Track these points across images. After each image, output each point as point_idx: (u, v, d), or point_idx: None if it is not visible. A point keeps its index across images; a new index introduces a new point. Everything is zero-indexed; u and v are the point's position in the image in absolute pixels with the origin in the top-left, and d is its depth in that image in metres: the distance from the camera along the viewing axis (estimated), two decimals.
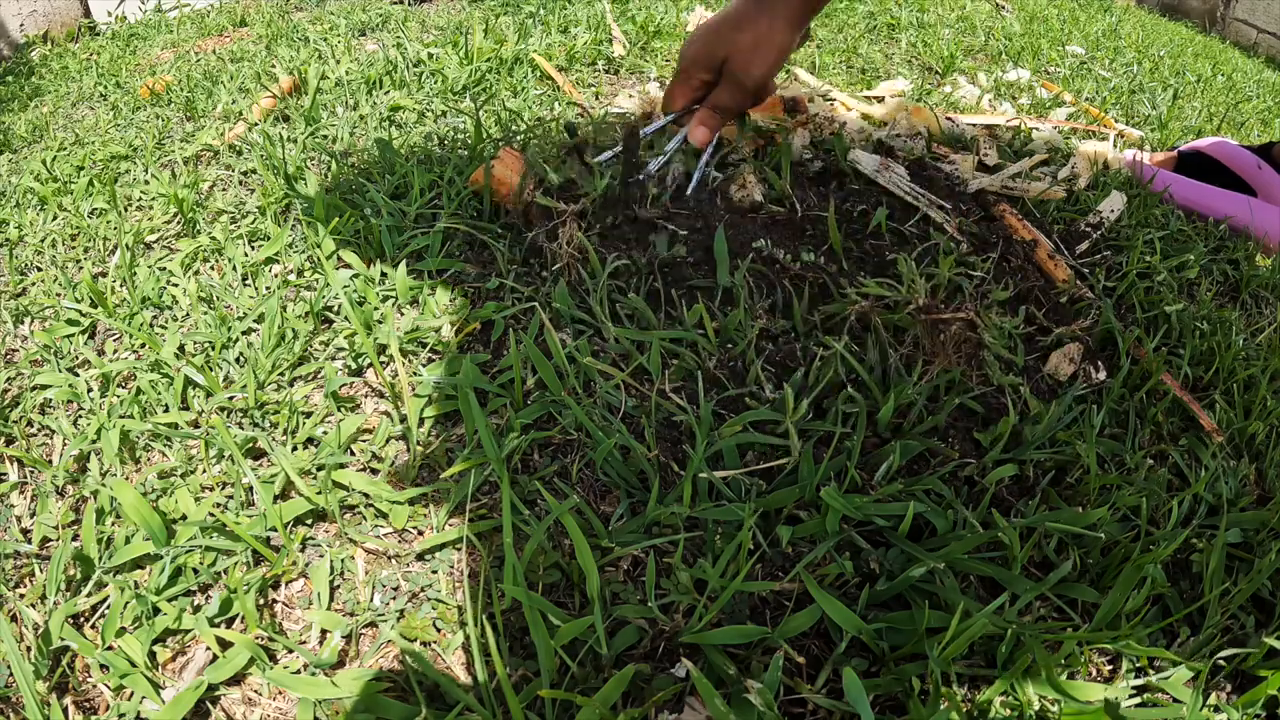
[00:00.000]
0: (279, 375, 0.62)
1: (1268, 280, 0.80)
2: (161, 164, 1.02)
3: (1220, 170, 0.95)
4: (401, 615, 0.46)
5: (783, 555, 0.48)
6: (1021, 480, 0.54)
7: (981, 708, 0.41)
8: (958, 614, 0.40)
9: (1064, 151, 0.98)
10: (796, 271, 0.65)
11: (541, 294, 0.65)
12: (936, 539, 0.48)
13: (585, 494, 0.51)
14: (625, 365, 0.58)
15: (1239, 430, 0.60)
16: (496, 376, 0.59)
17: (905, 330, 0.59)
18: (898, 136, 0.88)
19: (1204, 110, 1.47)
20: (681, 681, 0.42)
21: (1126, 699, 0.42)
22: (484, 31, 1.40)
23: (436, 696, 0.42)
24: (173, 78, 1.40)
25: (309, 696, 0.41)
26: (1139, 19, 2.78)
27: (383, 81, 1.21)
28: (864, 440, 0.53)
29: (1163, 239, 0.79)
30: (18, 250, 0.87)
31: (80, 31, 2.19)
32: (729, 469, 0.51)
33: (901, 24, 1.68)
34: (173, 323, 0.70)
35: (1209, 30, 3.32)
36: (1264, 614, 0.49)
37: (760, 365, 0.57)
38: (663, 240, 0.66)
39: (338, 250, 0.73)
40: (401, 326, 0.65)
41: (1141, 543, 0.49)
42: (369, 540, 0.50)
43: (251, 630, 0.45)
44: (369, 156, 0.92)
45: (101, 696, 0.44)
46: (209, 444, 0.57)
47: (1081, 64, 1.67)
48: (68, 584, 0.49)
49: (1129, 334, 0.64)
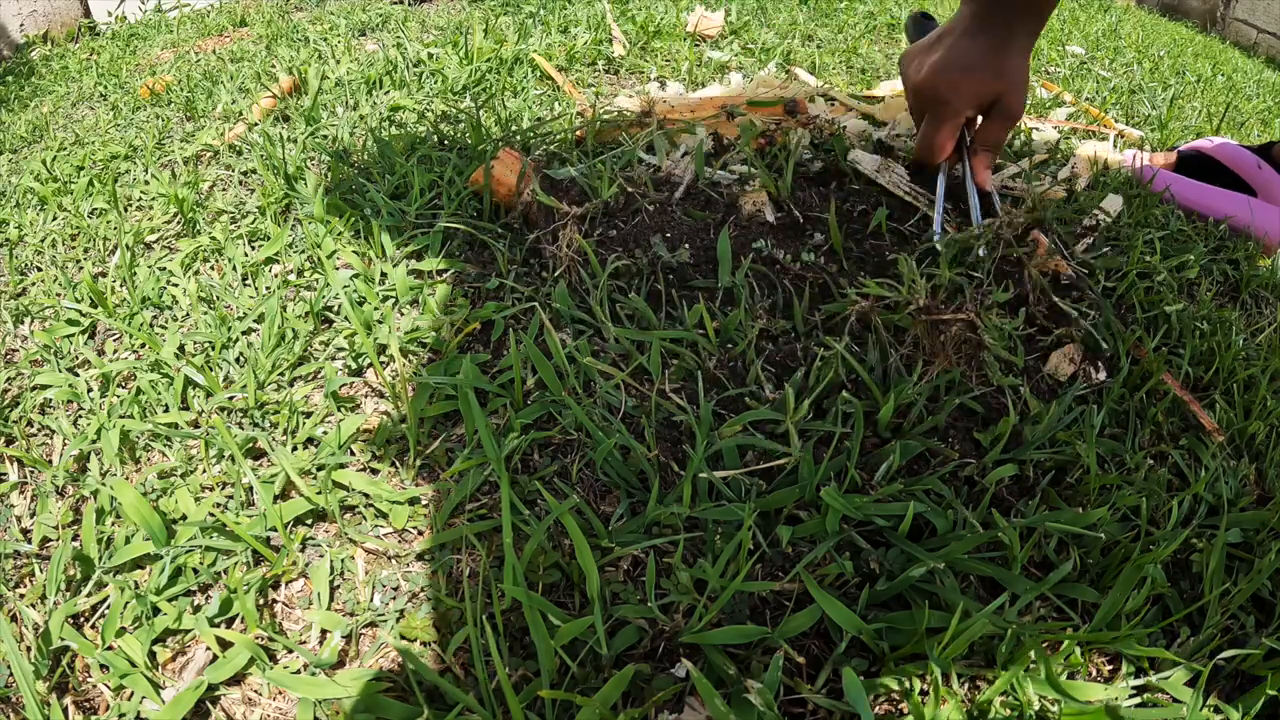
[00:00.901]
0: (279, 375, 0.62)
1: (1268, 280, 0.80)
2: (161, 164, 1.02)
3: (1220, 170, 0.95)
4: (401, 615, 0.46)
5: (783, 555, 0.48)
6: (1021, 480, 0.54)
7: (981, 708, 0.41)
8: (958, 614, 0.40)
9: (1064, 152, 0.98)
10: (797, 272, 0.65)
11: (541, 294, 0.65)
12: (936, 539, 0.48)
13: (585, 494, 0.51)
14: (625, 365, 0.58)
15: (1239, 430, 0.60)
16: (496, 376, 0.59)
17: (905, 330, 0.58)
18: (898, 136, 0.88)
19: (1204, 110, 1.47)
20: (681, 681, 0.42)
21: (1126, 699, 0.42)
22: (484, 31, 1.40)
23: (436, 697, 0.42)
24: (173, 78, 1.40)
25: (309, 696, 0.41)
26: (1139, 19, 2.78)
27: (383, 81, 1.21)
28: (864, 440, 0.53)
29: (1163, 239, 0.79)
30: (18, 250, 0.87)
31: (80, 31, 2.19)
32: (729, 469, 0.51)
33: (902, 24, 1.68)
34: (173, 323, 0.70)
35: (1209, 30, 3.32)
36: (1264, 614, 0.49)
37: (760, 365, 0.57)
38: (661, 243, 0.66)
39: (338, 250, 0.73)
40: (401, 326, 0.65)
41: (1141, 543, 0.49)
42: (369, 540, 0.50)
43: (251, 630, 0.45)
44: (369, 156, 0.92)
45: (101, 696, 0.44)
46: (209, 444, 0.57)
47: (1081, 64, 1.67)
48: (68, 584, 0.49)
49: (1128, 334, 0.64)
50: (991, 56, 0.65)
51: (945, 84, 0.66)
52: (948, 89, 0.66)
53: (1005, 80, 0.65)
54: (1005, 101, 0.66)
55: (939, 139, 0.69)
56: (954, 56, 0.66)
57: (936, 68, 0.67)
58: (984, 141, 0.69)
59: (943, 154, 0.70)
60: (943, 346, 0.55)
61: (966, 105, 0.67)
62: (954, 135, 0.70)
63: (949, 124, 0.68)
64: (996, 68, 0.65)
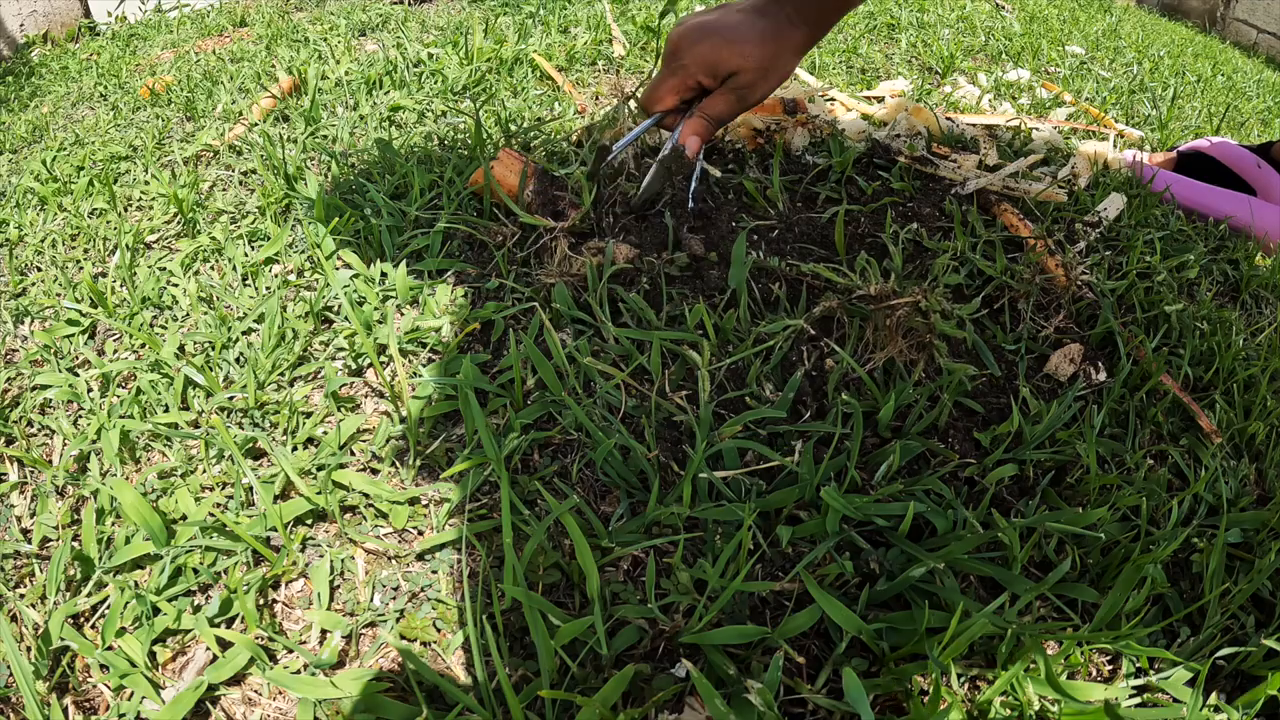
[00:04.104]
0: (279, 375, 0.62)
1: (1268, 280, 0.80)
2: (161, 164, 1.02)
3: (1220, 170, 0.95)
4: (401, 615, 0.46)
5: (783, 555, 0.48)
6: (1021, 480, 0.54)
7: (981, 708, 0.41)
8: (958, 614, 0.40)
9: (1064, 151, 0.98)
10: (793, 276, 0.65)
11: (541, 294, 0.65)
12: (936, 539, 0.48)
13: (585, 494, 0.51)
14: (625, 365, 0.58)
15: (1239, 430, 0.60)
16: (496, 376, 0.59)
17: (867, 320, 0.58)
18: (898, 136, 0.88)
19: (1204, 110, 1.47)
20: (681, 681, 0.42)
21: (1126, 699, 0.42)
22: (484, 31, 1.40)
23: (436, 697, 0.42)
24: (173, 78, 1.40)
25: (309, 696, 0.41)
26: (1139, 19, 2.78)
27: (383, 81, 1.21)
28: (863, 440, 0.53)
29: (1163, 239, 0.79)
30: (18, 250, 0.87)
31: (80, 32, 2.19)
32: (729, 469, 0.51)
33: (901, 24, 1.68)
34: (173, 323, 0.70)
35: (1209, 30, 3.32)
36: (1264, 614, 0.49)
37: (759, 365, 0.57)
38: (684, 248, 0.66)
39: (338, 250, 0.73)
40: (401, 326, 0.65)
41: (1141, 543, 0.49)
42: (369, 540, 0.50)
43: (251, 630, 0.45)
44: (369, 156, 0.92)
45: (101, 696, 0.44)
46: (209, 444, 0.57)
47: (1081, 64, 1.67)
48: (68, 584, 0.49)
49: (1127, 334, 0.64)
50: (747, 36, 0.64)
51: (687, 42, 0.66)
52: (687, 47, 0.66)
53: (749, 61, 0.64)
54: (739, 79, 0.65)
55: (659, 90, 0.69)
56: (711, 23, 0.66)
57: (689, 26, 0.67)
58: (704, 108, 0.68)
59: (658, 105, 0.70)
60: (890, 331, 0.54)
61: (697, 69, 0.66)
62: (675, 91, 0.69)
63: (674, 79, 0.68)
64: (745, 47, 0.64)
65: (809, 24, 0.65)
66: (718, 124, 0.69)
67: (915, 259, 0.68)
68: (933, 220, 0.73)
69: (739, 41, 0.65)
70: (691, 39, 0.67)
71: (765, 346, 0.58)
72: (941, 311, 0.57)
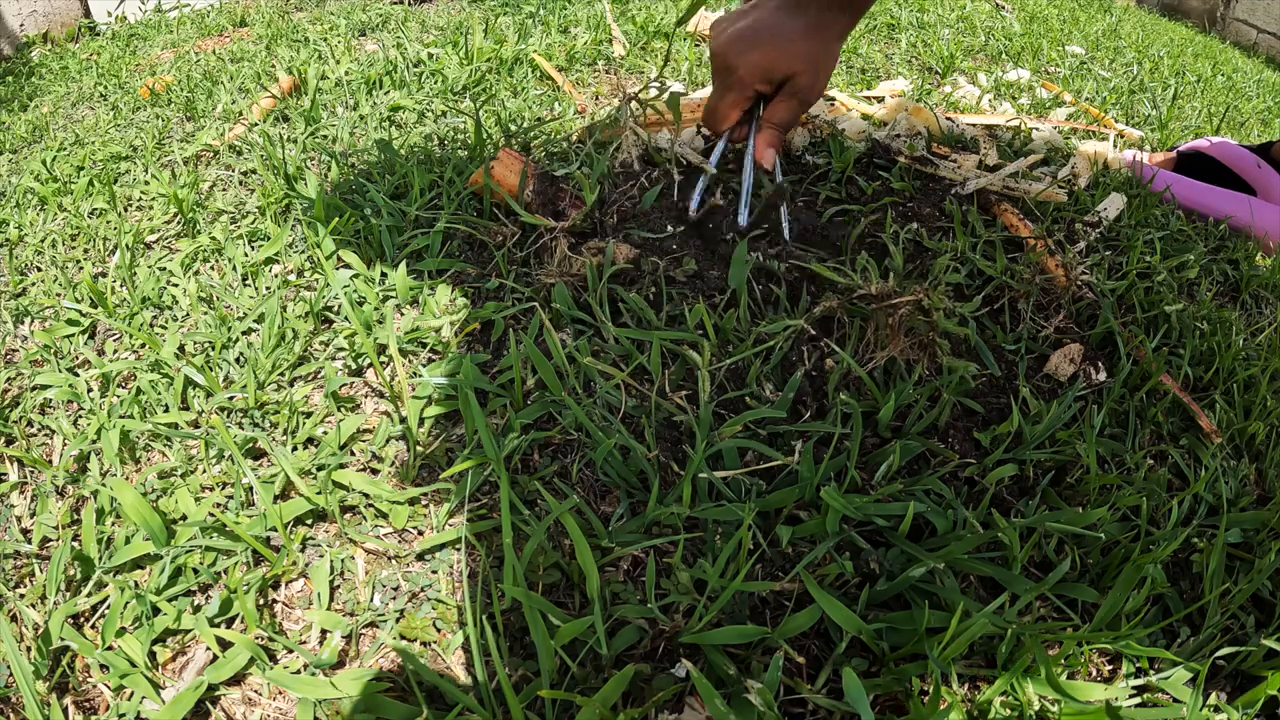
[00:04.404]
0: (279, 375, 0.62)
1: (1268, 280, 0.80)
2: (161, 164, 1.02)
3: (1220, 170, 0.95)
4: (401, 615, 0.46)
5: (783, 555, 0.48)
6: (1021, 480, 0.54)
7: (981, 708, 0.41)
8: (958, 614, 0.40)
9: (1064, 151, 0.98)
10: (791, 279, 0.65)
11: (541, 294, 0.65)
12: (936, 539, 0.48)
13: (585, 494, 0.51)
14: (625, 365, 0.58)
15: (1239, 430, 0.60)
16: (496, 376, 0.59)
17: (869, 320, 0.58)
18: (898, 136, 0.88)
19: (1204, 110, 1.47)
20: (681, 681, 0.42)
21: (1126, 699, 0.42)
22: (484, 31, 1.40)
23: (436, 697, 0.42)
24: (173, 78, 1.40)
25: (309, 696, 0.41)
26: (1139, 19, 2.78)
27: (383, 81, 1.21)
28: (863, 440, 0.53)
29: (1163, 239, 0.79)
30: (18, 250, 0.87)
31: (80, 32, 2.19)
32: (729, 469, 0.51)
33: (901, 24, 1.68)
34: (173, 323, 0.70)
35: (1209, 30, 3.32)
36: (1264, 614, 0.49)
37: (759, 365, 0.57)
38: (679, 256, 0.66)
39: (338, 250, 0.73)
40: (401, 326, 0.65)
41: (1141, 543, 0.49)
42: (369, 540, 0.50)
43: (251, 630, 0.45)
44: (369, 156, 0.92)
45: (101, 696, 0.44)
46: (209, 444, 0.57)
47: (1081, 64, 1.67)
48: (68, 584, 0.49)
49: (1127, 334, 0.64)
50: (791, 35, 0.63)
51: (735, 53, 0.64)
52: (736, 58, 0.64)
53: (801, 61, 0.63)
54: (797, 82, 0.64)
55: (721, 107, 0.68)
56: (752, 28, 0.64)
57: (732, 36, 0.65)
58: (769, 119, 0.67)
59: (725, 123, 0.69)
60: (893, 331, 0.54)
61: (754, 79, 0.65)
62: (738, 106, 0.67)
63: (733, 94, 0.66)
64: (793, 47, 0.63)
65: (844, 10, 0.63)
66: (786, 130, 0.67)
67: (915, 259, 0.68)
68: (933, 220, 0.73)
69: (787, 43, 0.63)
70: (739, 49, 0.65)
71: (765, 347, 0.58)
72: (944, 310, 0.57)
